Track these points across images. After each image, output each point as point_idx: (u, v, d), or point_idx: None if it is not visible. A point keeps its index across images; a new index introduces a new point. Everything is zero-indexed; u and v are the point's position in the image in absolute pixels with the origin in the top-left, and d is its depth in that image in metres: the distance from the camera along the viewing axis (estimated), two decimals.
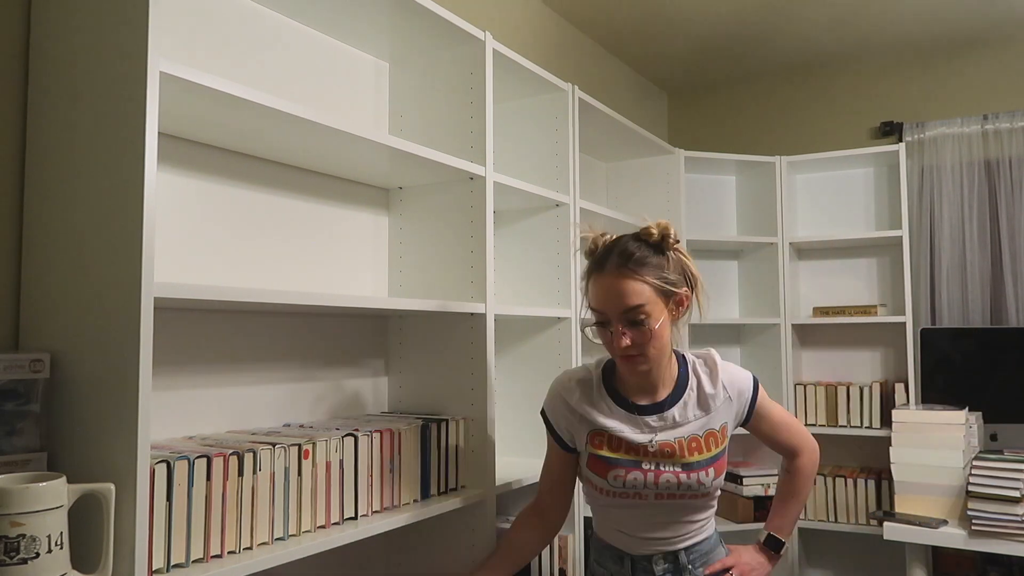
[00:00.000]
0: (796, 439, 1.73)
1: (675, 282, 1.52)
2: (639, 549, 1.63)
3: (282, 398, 1.80)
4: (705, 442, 1.58)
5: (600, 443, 1.59)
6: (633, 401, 1.60)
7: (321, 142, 1.65)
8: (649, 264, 1.50)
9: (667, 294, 1.51)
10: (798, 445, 1.73)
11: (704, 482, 1.56)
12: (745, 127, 4.05)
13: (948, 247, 3.44)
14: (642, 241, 1.54)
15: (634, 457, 1.57)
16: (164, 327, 1.54)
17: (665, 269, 1.51)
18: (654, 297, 1.49)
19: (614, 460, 1.57)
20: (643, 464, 1.56)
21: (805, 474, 1.73)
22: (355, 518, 1.61)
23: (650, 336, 1.49)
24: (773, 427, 1.70)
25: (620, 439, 1.57)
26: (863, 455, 3.61)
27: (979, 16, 3.30)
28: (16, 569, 1.05)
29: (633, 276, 1.48)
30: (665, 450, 1.56)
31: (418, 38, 1.99)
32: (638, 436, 1.57)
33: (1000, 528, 2.35)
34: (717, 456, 1.58)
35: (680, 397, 1.59)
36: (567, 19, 3.26)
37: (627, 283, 1.48)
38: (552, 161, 2.48)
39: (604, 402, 1.61)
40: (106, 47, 1.25)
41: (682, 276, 1.54)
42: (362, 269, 2.04)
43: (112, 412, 1.19)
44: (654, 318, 1.49)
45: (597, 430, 1.60)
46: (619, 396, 1.61)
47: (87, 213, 1.26)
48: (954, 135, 3.48)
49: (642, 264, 1.49)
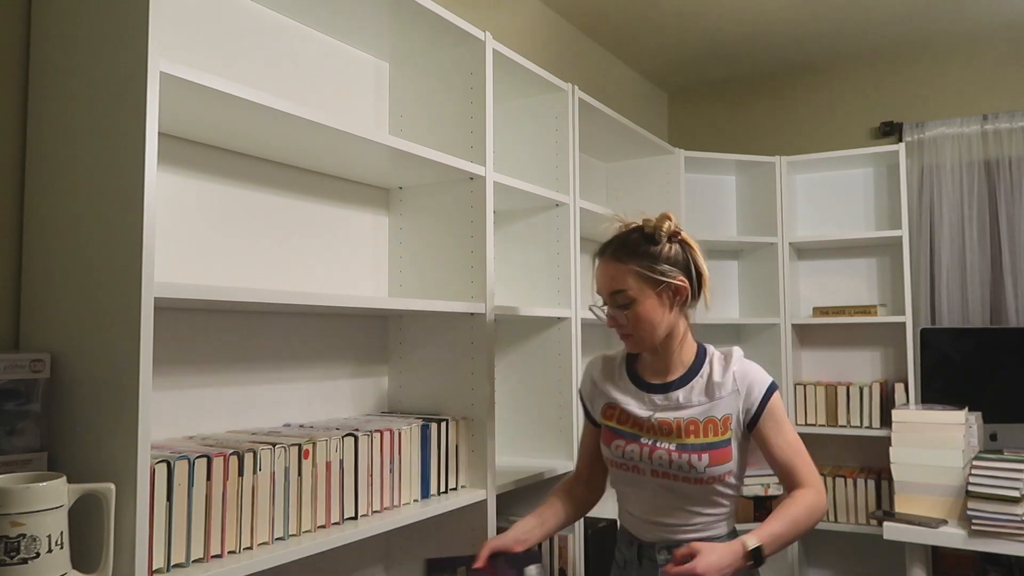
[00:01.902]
0: (803, 470, 1.60)
1: (665, 271, 1.59)
2: (646, 534, 1.67)
3: (282, 398, 1.80)
4: (704, 427, 1.61)
5: (611, 415, 1.70)
6: (645, 380, 1.70)
7: (321, 142, 1.65)
8: (639, 253, 1.60)
9: (655, 282, 1.59)
10: (804, 478, 1.60)
11: (695, 465, 1.58)
12: (745, 127, 4.05)
13: (948, 247, 3.44)
14: (640, 231, 1.63)
15: (635, 431, 1.65)
16: (164, 327, 1.54)
17: (658, 259, 1.60)
18: (638, 283, 1.59)
19: (618, 431, 1.67)
20: (642, 439, 1.64)
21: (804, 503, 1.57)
22: (355, 518, 1.61)
23: (635, 318, 1.60)
24: (781, 445, 1.61)
25: (626, 412, 1.67)
26: (863, 455, 3.61)
27: (979, 16, 3.30)
28: (16, 569, 1.05)
29: (619, 263, 1.60)
30: (663, 427, 1.62)
31: (418, 38, 2.00)
32: (641, 411, 1.66)
33: (1000, 528, 2.35)
34: (714, 445, 1.60)
35: (688, 381, 1.66)
36: (567, 19, 3.26)
37: (614, 268, 1.61)
38: (552, 161, 2.48)
39: (621, 378, 1.73)
40: (106, 47, 1.25)
41: (681, 266, 1.61)
42: (362, 269, 2.04)
43: (112, 412, 1.19)
44: (639, 302, 1.59)
45: (610, 403, 1.71)
46: (635, 374, 1.72)
47: (87, 213, 1.26)
48: (954, 135, 3.48)
49: (632, 253, 1.60)
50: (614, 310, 1.62)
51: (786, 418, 1.64)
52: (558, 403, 2.37)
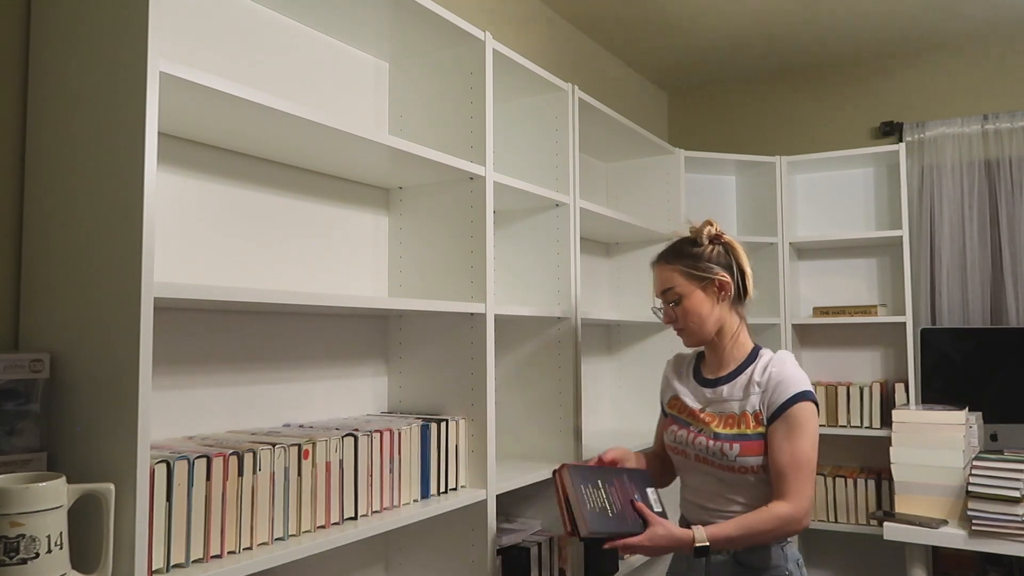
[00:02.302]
0: (792, 485, 1.65)
1: (707, 268, 1.79)
2: (695, 518, 1.82)
3: (282, 398, 1.80)
4: (739, 421, 1.75)
5: (674, 406, 1.90)
6: (703, 375, 1.88)
7: (321, 142, 1.65)
8: (684, 254, 1.82)
9: (699, 278, 1.79)
10: (788, 492, 1.65)
11: (727, 454, 1.72)
12: (745, 127, 4.05)
13: (948, 247, 3.44)
14: (687, 238, 1.86)
15: (687, 419, 1.83)
16: (164, 327, 1.54)
17: (700, 258, 1.80)
18: (684, 281, 1.80)
19: (676, 419, 1.87)
20: (691, 426, 1.82)
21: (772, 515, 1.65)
22: (355, 518, 1.61)
23: (684, 313, 1.80)
24: (785, 451, 1.66)
25: (684, 404, 1.86)
26: (863, 455, 3.61)
27: (979, 16, 3.30)
28: (16, 569, 1.05)
29: (668, 264, 1.83)
30: (706, 419, 1.80)
31: (418, 38, 1.99)
32: (694, 403, 1.84)
33: (1000, 528, 2.35)
34: (746, 437, 1.72)
35: (735, 378, 1.80)
36: (567, 19, 3.26)
37: (664, 270, 1.84)
38: (552, 161, 2.48)
39: (687, 374, 1.92)
40: (106, 47, 1.25)
41: (723, 264, 1.81)
42: (362, 269, 2.04)
43: (112, 412, 1.19)
44: (686, 297, 1.80)
45: (674, 395, 1.91)
46: (698, 370, 1.90)
47: (87, 213, 1.26)
48: (954, 135, 3.48)
49: (678, 255, 1.83)
50: (667, 307, 1.83)
51: (806, 432, 1.68)
52: (558, 403, 2.37)
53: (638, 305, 3.22)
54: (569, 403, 2.36)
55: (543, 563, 2.17)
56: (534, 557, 2.13)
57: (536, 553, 2.14)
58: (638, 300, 3.24)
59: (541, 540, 2.19)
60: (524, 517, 2.37)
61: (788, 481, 1.66)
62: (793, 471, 1.66)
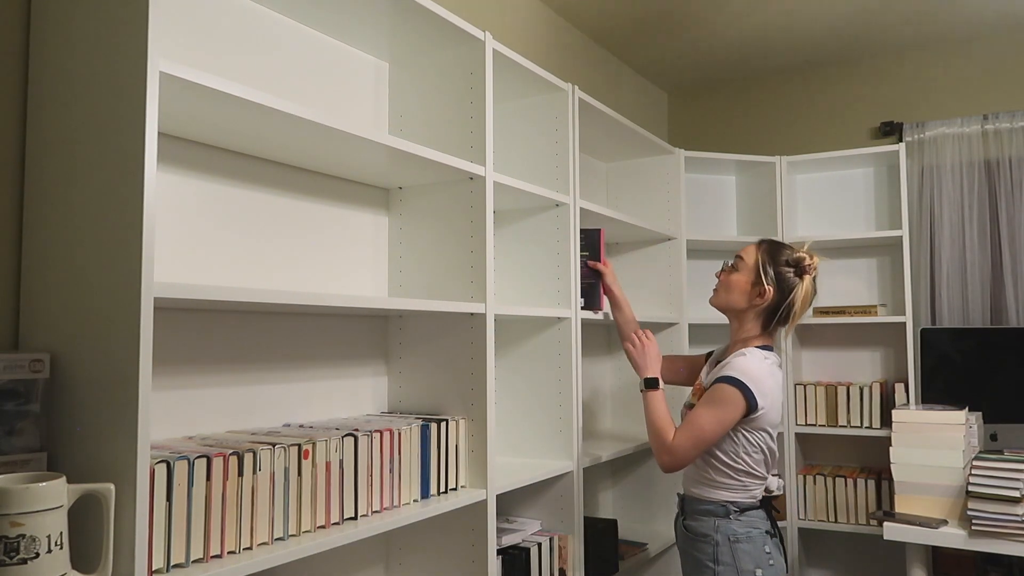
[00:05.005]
0: (681, 432, 2.01)
1: (767, 275, 2.09)
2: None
3: (282, 398, 1.80)
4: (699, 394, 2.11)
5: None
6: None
7: (321, 142, 1.65)
8: (771, 252, 2.12)
9: (756, 273, 2.11)
10: (678, 435, 2.01)
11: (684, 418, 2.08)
12: (745, 127, 4.05)
13: (948, 247, 3.44)
14: (789, 248, 2.15)
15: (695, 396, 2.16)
16: (164, 327, 1.54)
17: (772, 266, 2.10)
18: (750, 264, 2.13)
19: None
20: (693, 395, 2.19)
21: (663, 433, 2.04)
22: (355, 518, 1.61)
23: (727, 280, 2.16)
24: (695, 411, 2.01)
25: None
26: (863, 455, 3.61)
27: (979, 16, 3.30)
28: (16, 569, 1.05)
29: (759, 247, 2.15)
30: (695, 390, 2.18)
31: (418, 38, 1.99)
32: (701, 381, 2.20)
33: (1000, 528, 2.35)
34: (692, 405, 2.10)
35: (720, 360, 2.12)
36: (567, 19, 3.26)
37: (754, 248, 2.16)
38: (552, 161, 2.48)
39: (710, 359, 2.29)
40: (106, 47, 1.25)
41: (781, 286, 2.09)
42: (362, 269, 2.04)
43: (112, 412, 1.19)
44: (739, 272, 2.14)
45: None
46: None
47: (87, 213, 1.26)
48: (954, 135, 3.48)
49: (769, 249, 2.14)
50: (728, 268, 2.17)
51: (716, 407, 1.97)
52: (558, 403, 2.37)
53: (638, 305, 3.22)
54: (569, 403, 2.36)
55: (543, 563, 2.17)
56: (534, 557, 2.14)
57: (536, 553, 2.15)
58: (638, 300, 3.24)
59: (541, 540, 2.19)
60: (524, 517, 2.37)
61: (681, 430, 2.01)
62: (687, 425, 2.00)
